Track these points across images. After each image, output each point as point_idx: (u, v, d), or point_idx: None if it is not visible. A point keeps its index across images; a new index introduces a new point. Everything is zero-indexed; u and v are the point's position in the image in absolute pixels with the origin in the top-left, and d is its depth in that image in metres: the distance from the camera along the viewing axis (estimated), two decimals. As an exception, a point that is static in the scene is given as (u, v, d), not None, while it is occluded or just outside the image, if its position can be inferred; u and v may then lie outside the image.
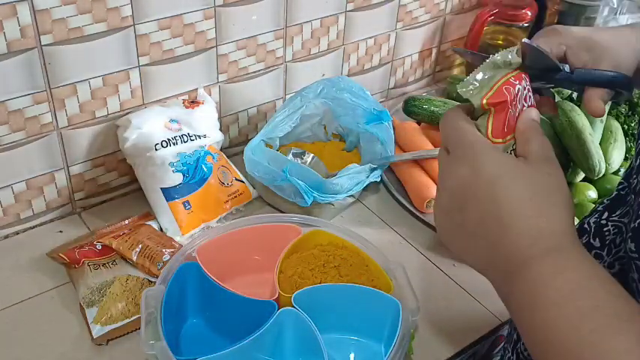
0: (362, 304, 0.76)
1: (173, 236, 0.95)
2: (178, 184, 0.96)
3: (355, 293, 0.76)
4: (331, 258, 0.81)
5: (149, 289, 0.75)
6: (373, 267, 0.80)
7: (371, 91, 1.17)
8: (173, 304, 0.75)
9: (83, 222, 1.00)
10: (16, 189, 0.94)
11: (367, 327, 0.77)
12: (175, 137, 0.98)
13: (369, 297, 0.76)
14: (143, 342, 0.68)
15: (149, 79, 0.99)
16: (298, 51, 1.15)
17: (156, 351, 0.67)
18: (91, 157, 0.99)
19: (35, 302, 0.86)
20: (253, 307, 0.74)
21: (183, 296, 0.79)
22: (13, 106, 0.87)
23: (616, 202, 0.61)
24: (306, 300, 0.74)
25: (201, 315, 0.81)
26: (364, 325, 0.77)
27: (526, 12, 1.33)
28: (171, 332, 0.74)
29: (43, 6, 0.83)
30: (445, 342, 0.85)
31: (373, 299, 0.75)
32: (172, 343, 0.74)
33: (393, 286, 0.77)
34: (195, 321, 0.81)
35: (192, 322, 0.81)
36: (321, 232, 0.84)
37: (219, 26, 1.02)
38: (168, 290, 0.75)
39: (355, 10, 1.19)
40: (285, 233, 0.85)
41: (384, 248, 0.84)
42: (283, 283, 0.78)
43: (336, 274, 0.79)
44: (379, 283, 0.78)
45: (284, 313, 0.73)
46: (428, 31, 1.34)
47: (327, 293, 0.76)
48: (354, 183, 1.01)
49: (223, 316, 0.78)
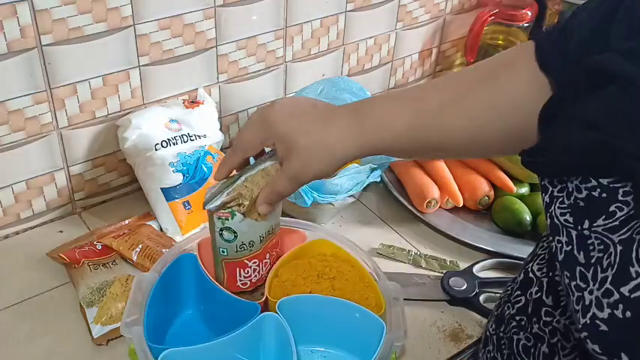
0: (347, 319, 0.74)
1: (173, 236, 0.95)
2: (178, 184, 0.96)
3: (342, 308, 0.75)
4: (327, 269, 0.79)
5: (142, 274, 0.76)
6: (370, 285, 0.78)
7: (371, 91, 1.17)
8: (165, 293, 0.76)
9: (83, 222, 1.00)
10: (16, 189, 0.94)
11: (350, 343, 0.76)
12: (175, 137, 0.98)
13: (355, 314, 0.74)
14: (122, 324, 0.69)
15: (149, 79, 0.99)
16: (298, 51, 1.15)
17: (132, 335, 0.68)
18: (91, 157, 0.99)
19: (35, 302, 0.86)
20: (239, 307, 0.74)
21: (179, 287, 0.79)
22: (13, 106, 0.87)
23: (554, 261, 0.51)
24: (290, 308, 0.73)
25: (197, 307, 0.81)
26: (347, 341, 0.76)
27: (526, 12, 1.33)
28: (161, 320, 0.75)
29: (43, 6, 0.83)
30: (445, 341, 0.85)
31: (359, 317, 0.74)
32: (159, 330, 0.75)
33: (385, 308, 0.75)
34: (190, 312, 0.81)
35: (187, 313, 0.81)
36: (326, 241, 0.83)
37: (219, 26, 1.02)
38: (161, 279, 0.75)
39: (355, 10, 1.19)
40: (291, 238, 0.84)
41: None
42: (276, 287, 0.77)
43: (329, 286, 0.78)
44: (372, 302, 0.76)
45: (266, 318, 0.72)
46: (428, 31, 1.35)
47: (314, 304, 0.75)
48: (354, 183, 1.01)
49: (214, 311, 0.78)
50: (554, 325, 0.53)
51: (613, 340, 0.42)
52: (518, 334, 0.57)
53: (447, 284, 0.90)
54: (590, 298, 0.44)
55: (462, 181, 1.07)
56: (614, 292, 0.42)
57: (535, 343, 0.55)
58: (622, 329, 0.41)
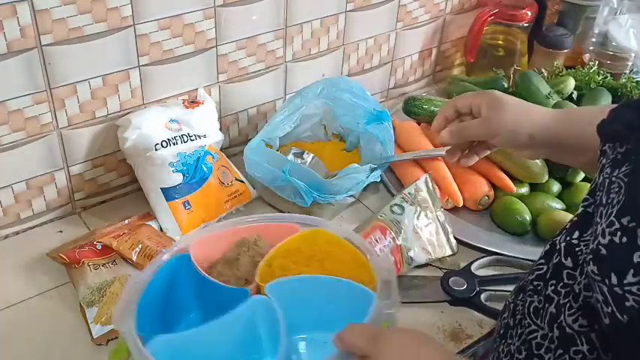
0: (338, 297, 0.74)
1: (173, 236, 0.95)
2: (178, 184, 0.96)
3: (331, 285, 0.74)
4: (316, 252, 0.79)
5: (136, 272, 0.75)
6: (362, 264, 0.77)
7: (371, 91, 1.17)
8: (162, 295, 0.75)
9: (83, 222, 1.00)
10: (16, 189, 0.94)
11: (343, 320, 0.76)
12: (175, 137, 0.98)
13: (344, 289, 0.73)
14: (114, 318, 0.68)
15: (149, 79, 0.99)
16: (298, 51, 1.15)
17: (124, 328, 0.67)
18: (91, 157, 0.99)
19: (35, 302, 0.86)
20: (231, 296, 0.73)
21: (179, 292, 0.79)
22: (13, 106, 0.87)
23: (587, 220, 0.60)
24: (281, 291, 0.72)
25: (199, 311, 0.81)
26: (340, 318, 0.75)
27: (526, 12, 1.33)
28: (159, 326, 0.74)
29: (43, 6, 0.83)
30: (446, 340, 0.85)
31: (349, 292, 0.73)
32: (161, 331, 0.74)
33: (377, 282, 0.74)
34: (192, 316, 0.81)
35: (190, 317, 0.81)
36: (321, 231, 0.82)
37: (219, 26, 1.02)
38: (155, 277, 0.74)
39: (355, 10, 1.19)
40: (284, 233, 0.84)
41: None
42: (267, 275, 0.76)
43: (319, 267, 0.78)
44: (365, 279, 0.75)
45: (255, 301, 0.72)
46: (428, 31, 1.34)
47: (303, 284, 0.74)
48: (354, 183, 1.01)
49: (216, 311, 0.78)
50: (573, 287, 0.59)
51: (607, 261, 0.50)
52: (532, 297, 0.64)
53: (447, 285, 0.90)
54: (599, 229, 0.52)
55: (461, 181, 1.07)
56: (615, 222, 0.50)
57: (544, 304, 0.61)
58: (617, 252, 0.49)
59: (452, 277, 0.91)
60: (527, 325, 0.63)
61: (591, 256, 0.52)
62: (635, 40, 1.35)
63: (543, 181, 1.07)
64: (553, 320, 0.60)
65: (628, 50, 1.35)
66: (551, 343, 0.60)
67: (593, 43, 1.38)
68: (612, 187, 0.54)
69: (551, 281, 0.61)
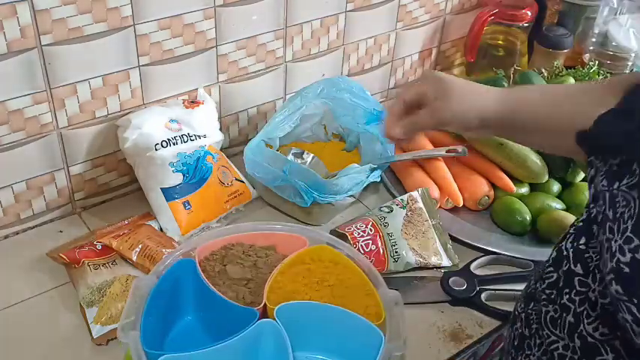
0: (346, 328, 0.74)
1: (173, 236, 0.95)
2: (178, 184, 0.96)
3: (340, 316, 0.74)
4: (327, 276, 0.79)
5: (139, 278, 0.75)
6: (370, 293, 0.77)
7: (371, 91, 1.17)
8: (164, 298, 0.75)
9: (83, 222, 1.00)
10: (16, 189, 0.94)
11: (348, 352, 0.75)
12: (175, 137, 0.98)
13: (353, 323, 0.73)
14: (119, 329, 0.68)
15: (149, 79, 0.99)
16: (298, 51, 1.15)
17: (129, 340, 0.67)
18: (91, 157, 0.99)
19: (35, 302, 0.86)
20: (237, 313, 0.73)
21: (179, 292, 0.79)
22: (13, 106, 0.87)
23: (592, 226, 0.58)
24: (289, 314, 0.73)
25: (196, 313, 0.81)
26: (345, 349, 0.75)
27: (526, 12, 1.33)
28: (158, 326, 0.74)
29: (43, 6, 0.83)
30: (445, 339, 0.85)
31: (358, 326, 0.73)
32: (158, 335, 0.74)
33: (385, 317, 0.74)
34: (188, 318, 0.81)
35: (187, 319, 0.81)
36: (327, 248, 0.82)
37: (219, 26, 1.02)
38: (160, 283, 0.75)
39: (355, 10, 1.19)
40: (292, 243, 0.83)
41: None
42: (276, 293, 0.77)
43: (328, 293, 0.78)
44: (372, 310, 0.75)
45: (263, 324, 0.72)
46: (428, 31, 1.35)
47: (312, 311, 0.75)
48: (354, 183, 1.01)
49: (214, 317, 0.77)
50: (588, 294, 0.57)
51: (632, 280, 0.48)
52: (547, 306, 0.62)
53: (447, 285, 0.90)
54: (616, 246, 0.50)
55: (461, 181, 1.07)
56: (633, 239, 0.48)
57: (561, 313, 0.60)
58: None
59: (452, 277, 0.91)
60: (546, 335, 0.62)
61: (613, 276, 0.50)
62: (635, 40, 1.35)
63: (543, 181, 1.08)
64: (573, 330, 0.58)
65: (628, 50, 1.35)
66: (574, 353, 0.58)
67: (593, 43, 1.38)
68: (617, 200, 0.52)
69: (565, 289, 0.60)
